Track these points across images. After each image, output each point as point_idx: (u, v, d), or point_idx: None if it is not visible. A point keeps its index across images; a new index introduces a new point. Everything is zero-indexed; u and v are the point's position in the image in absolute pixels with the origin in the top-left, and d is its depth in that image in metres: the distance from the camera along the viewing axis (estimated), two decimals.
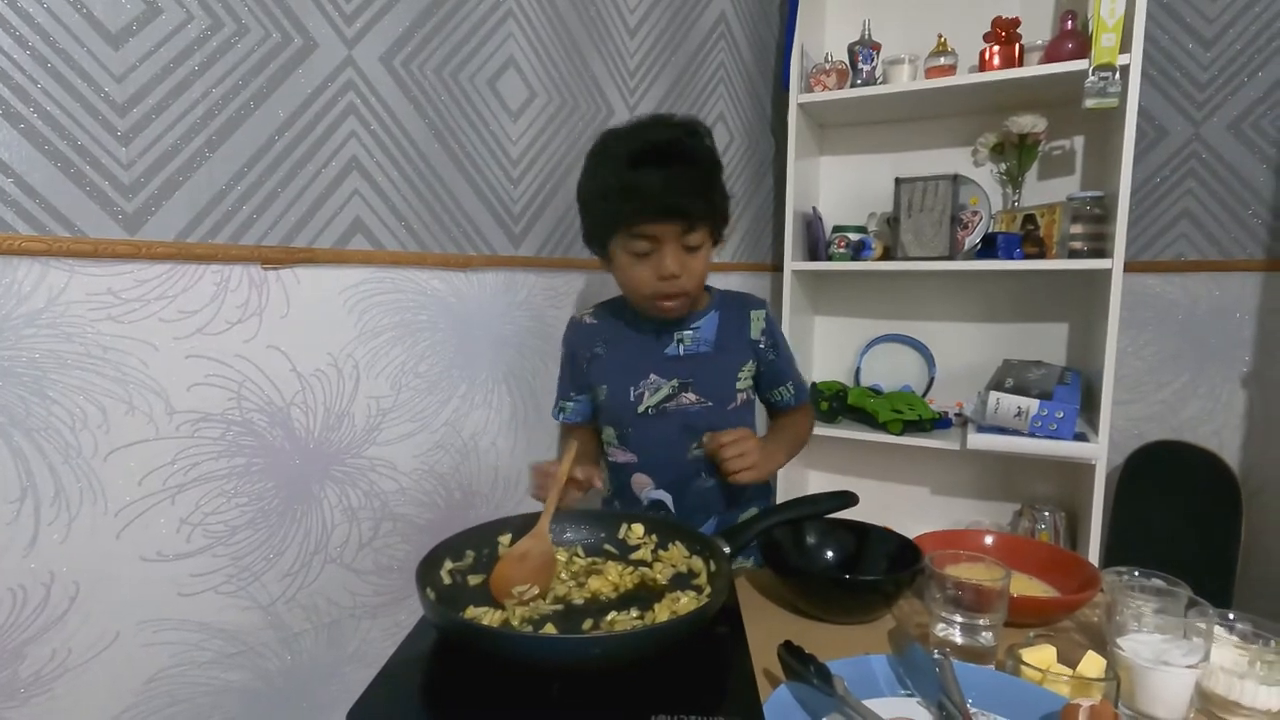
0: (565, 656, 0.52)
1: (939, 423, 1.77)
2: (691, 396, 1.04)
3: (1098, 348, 1.54)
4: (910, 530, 0.95)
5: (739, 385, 1.07)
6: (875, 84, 1.77)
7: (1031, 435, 1.51)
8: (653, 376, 1.05)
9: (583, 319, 1.15)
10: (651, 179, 0.89)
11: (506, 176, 1.33)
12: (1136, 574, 0.72)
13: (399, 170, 1.16)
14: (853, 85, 1.79)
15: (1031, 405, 1.48)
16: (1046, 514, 1.70)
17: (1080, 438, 1.49)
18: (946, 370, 1.93)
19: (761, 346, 1.09)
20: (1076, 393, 1.51)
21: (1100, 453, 1.47)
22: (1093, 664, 0.60)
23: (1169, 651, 0.60)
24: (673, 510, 1.06)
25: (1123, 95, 1.42)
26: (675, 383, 1.04)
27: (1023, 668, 0.62)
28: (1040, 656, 0.62)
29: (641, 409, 1.05)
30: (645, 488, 1.08)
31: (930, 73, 1.70)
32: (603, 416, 1.11)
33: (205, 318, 0.96)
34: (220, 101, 0.96)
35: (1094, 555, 1.52)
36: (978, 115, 1.78)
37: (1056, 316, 1.78)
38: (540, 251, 1.41)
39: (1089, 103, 1.42)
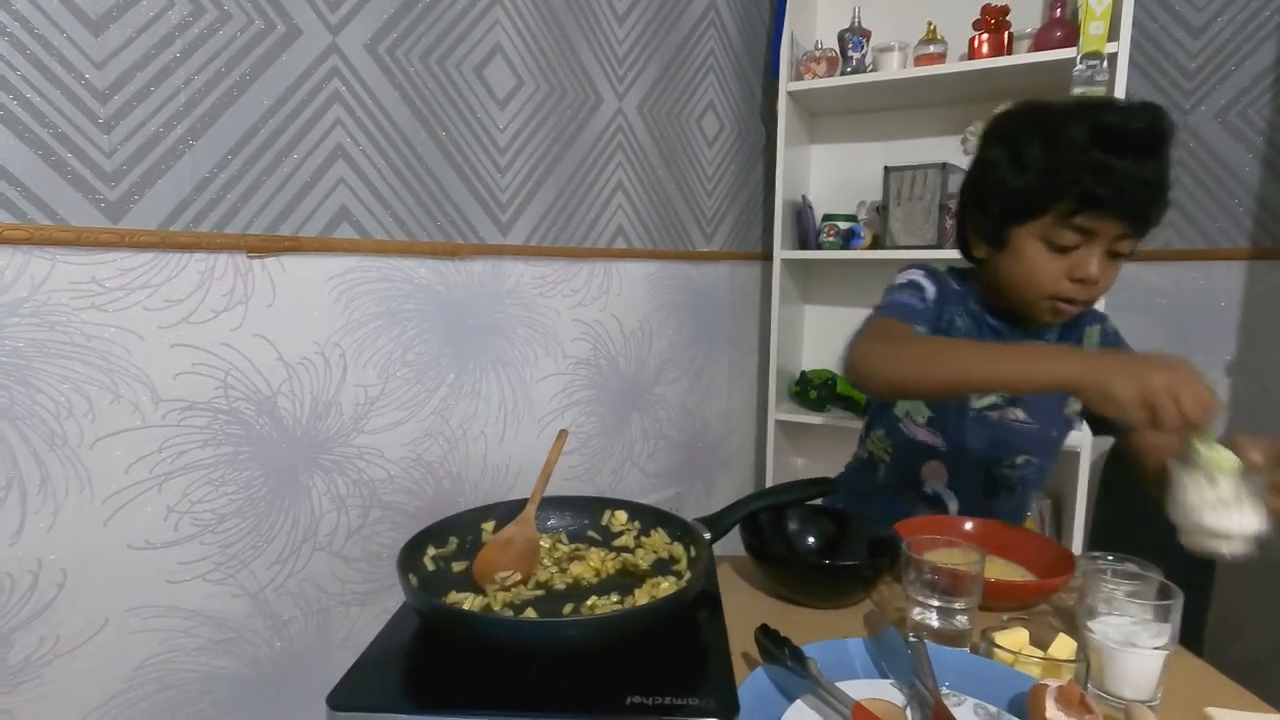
0: (542, 639, 0.53)
1: None
2: (1019, 413, 0.97)
3: None
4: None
5: (1067, 410, 0.98)
6: (865, 72, 1.77)
7: None
8: None
9: (947, 278, 0.99)
10: (1123, 166, 0.77)
11: (494, 164, 1.33)
12: (1111, 559, 0.73)
13: (385, 158, 1.16)
14: (843, 73, 1.79)
15: None
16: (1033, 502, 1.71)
17: None
18: None
19: None
20: None
21: (1085, 440, 1.48)
22: (1063, 646, 0.61)
23: (1138, 634, 0.61)
24: (951, 513, 1.00)
25: (1110, 83, 1.42)
26: (1005, 395, 0.97)
27: (995, 650, 0.63)
28: (1012, 639, 0.63)
29: (974, 406, 0.98)
30: (934, 478, 1.01)
31: (920, 60, 1.70)
32: None
33: (190, 306, 0.96)
34: (203, 88, 0.95)
35: (1078, 542, 1.54)
36: (967, 104, 1.78)
37: None
38: (529, 240, 1.41)
39: (1077, 90, 1.43)
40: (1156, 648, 0.59)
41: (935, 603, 0.68)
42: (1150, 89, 1.65)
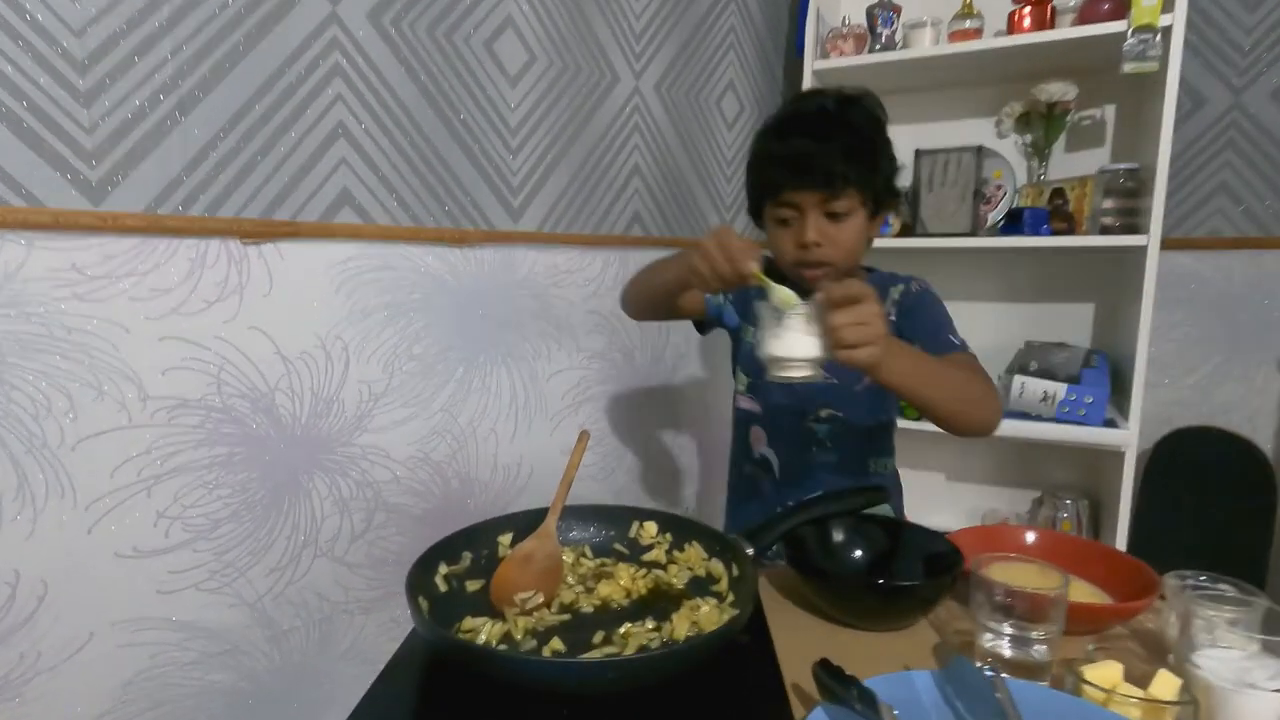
0: (577, 682, 0.46)
1: None
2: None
3: (1127, 329, 1.47)
4: (927, 519, 0.89)
5: None
6: (895, 49, 1.67)
7: (1058, 421, 1.44)
8: None
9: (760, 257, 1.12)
10: (790, 146, 0.90)
11: (505, 146, 1.25)
12: (1203, 579, 0.65)
13: (389, 138, 1.08)
14: (871, 50, 1.70)
15: (1059, 389, 1.41)
16: (1069, 502, 1.63)
17: (1109, 423, 1.43)
18: None
19: (890, 320, 0.96)
20: (1105, 376, 1.44)
21: (1131, 439, 1.40)
22: (1166, 684, 0.54)
23: (1252, 671, 0.53)
24: (776, 474, 1.06)
25: (1163, 59, 1.33)
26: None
27: (1084, 687, 0.55)
28: (1104, 674, 0.55)
29: None
30: (759, 443, 1.08)
31: (954, 37, 1.61)
32: (745, 361, 1.08)
33: (180, 296, 0.89)
34: (192, 60, 0.87)
35: (1120, 546, 1.46)
36: (1003, 83, 1.69)
37: (1081, 296, 1.70)
38: (542, 227, 1.33)
39: (1127, 67, 1.33)
40: (1278, 689, 0.51)
41: (1009, 630, 0.61)
42: (1201, 67, 1.55)
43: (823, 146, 0.88)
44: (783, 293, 0.69)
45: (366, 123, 1.05)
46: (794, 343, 0.68)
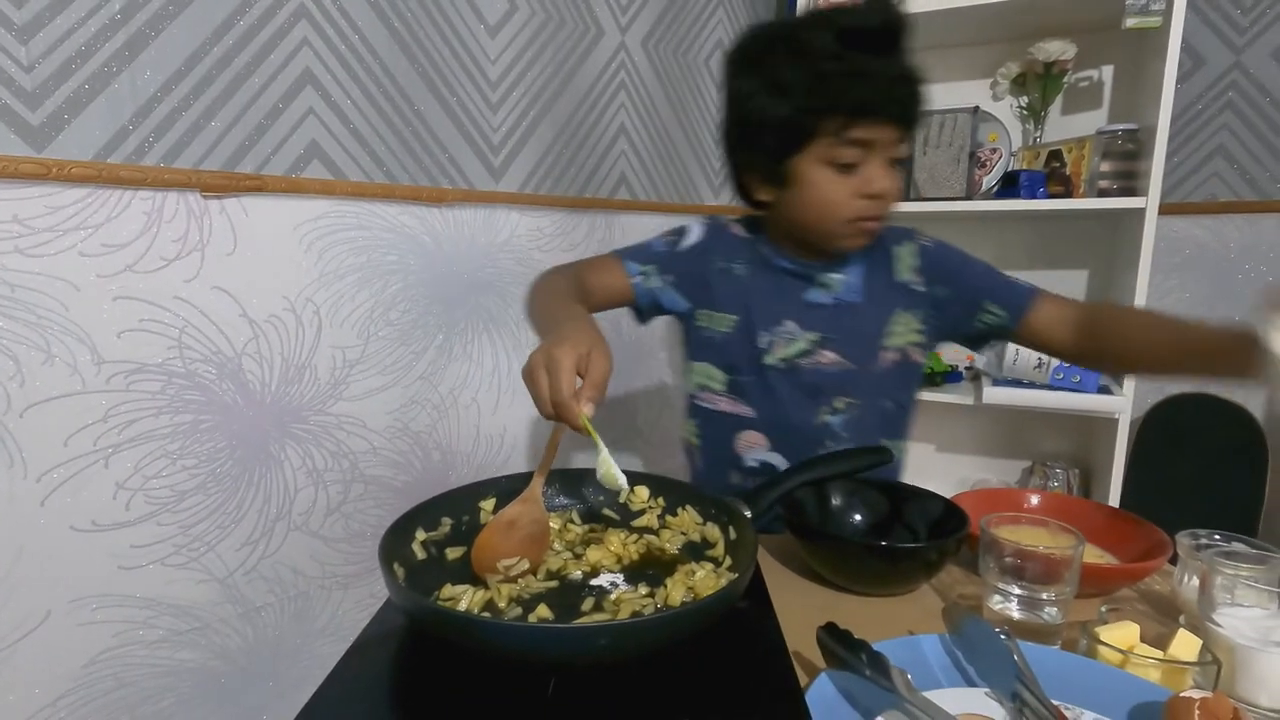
0: (567, 649, 0.42)
1: (949, 376, 1.68)
2: (830, 355, 0.87)
3: (1123, 294, 1.44)
4: None
5: (886, 342, 0.87)
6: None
7: (1052, 388, 1.42)
8: (789, 324, 0.87)
9: (728, 225, 0.94)
10: (880, 65, 0.73)
11: (485, 101, 1.19)
12: (1217, 537, 0.63)
13: (360, 88, 1.02)
14: None
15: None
16: (1059, 470, 1.62)
17: (1104, 390, 1.41)
18: None
19: (921, 290, 0.88)
20: None
21: (1125, 405, 1.38)
22: (1186, 645, 0.51)
23: (1275, 630, 0.51)
24: None
25: (1167, 15, 1.29)
26: (815, 337, 0.87)
27: (1099, 648, 0.52)
28: (1121, 635, 0.53)
29: (770, 360, 0.88)
30: (755, 448, 0.90)
31: None
32: (710, 353, 0.91)
33: (136, 253, 0.83)
34: None
35: None
36: (1001, 43, 1.64)
37: (1077, 262, 1.67)
38: (524, 187, 1.27)
39: (1130, 22, 1.29)
40: None
41: (1017, 591, 0.58)
42: (1200, 25, 1.51)
43: (906, 72, 0.74)
44: (608, 472, 0.58)
45: (336, 71, 0.99)
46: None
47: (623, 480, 0.58)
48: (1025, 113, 1.64)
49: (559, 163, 1.33)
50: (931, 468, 1.87)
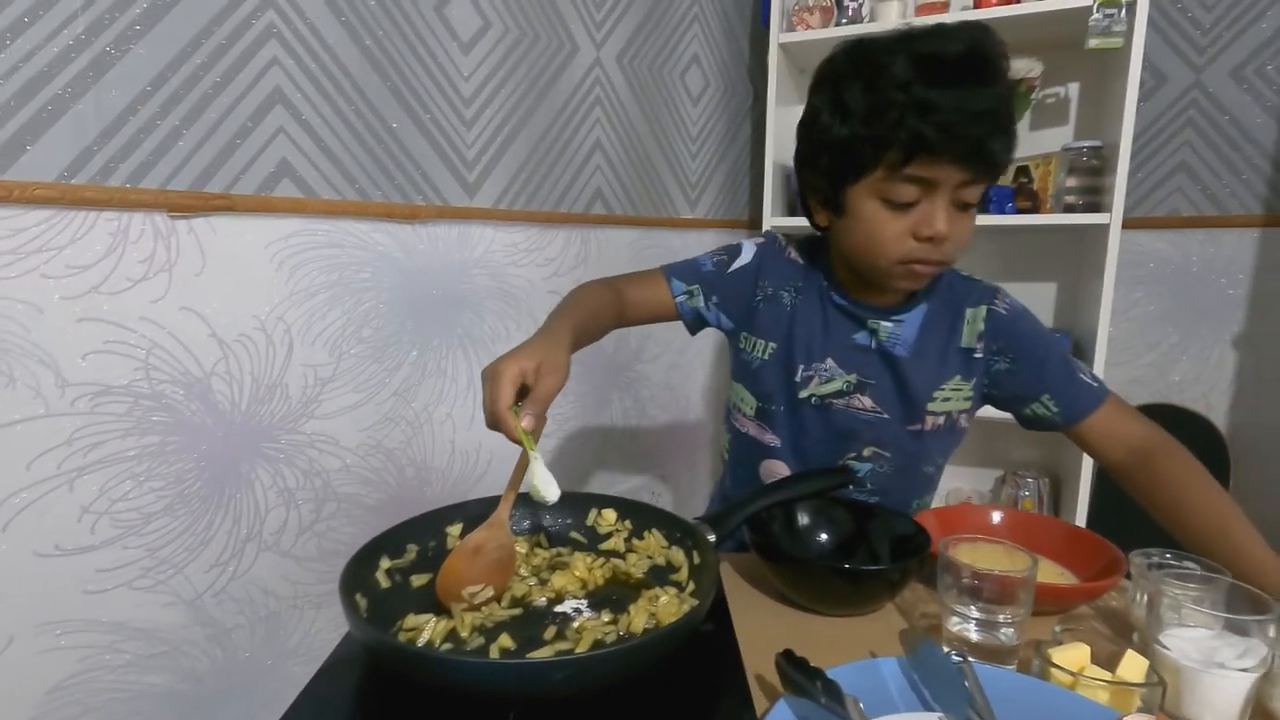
0: (522, 684, 0.42)
1: None
2: (866, 401, 0.84)
3: (1088, 308, 1.47)
4: None
5: (932, 407, 0.83)
6: (863, 22, 1.64)
7: None
8: (830, 363, 0.84)
9: (787, 248, 0.90)
10: (952, 98, 0.66)
11: (458, 117, 1.19)
12: (1168, 556, 0.65)
13: (331, 106, 1.02)
14: (838, 24, 1.67)
15: None
16: (1030, 480, 1.65)
17: None
18: None
19: (979, 356, 0.83)
20: None
21: None
22: (1134, 666, 0.52)
23: (1220, 651, 0.52)
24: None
25: (1128, 35, 1.32)
26: (853, 379, 0.83)
27: (1051, 670, 0.54)
28: (1072, 657, 0.54)
29: (804, 394, 0.85)
30: (776, 478, 0.88)
31: (921, 10, 1.59)
32: (747, 376, 0.89)
33: (101, 274, 0.82)
34: (108, 13, 0.80)
35: (1080, 523, 1.48)
36: None
37: (1044, 275, 1.71)
38: (499, 203, 1.27)
39: (1092, 42, 1.32)
40: (1245, 669, 0.51)
41: (975, 613, 0.59)
42: (1162, 45, 1.55)
43: (986, 108, 0.67)
44: (533, 484, 0.57)
45: (306, 89, 0.98)
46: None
47: (549, 493, 0.57)
48: None
49: (534, 178, 1.34)
50: None
